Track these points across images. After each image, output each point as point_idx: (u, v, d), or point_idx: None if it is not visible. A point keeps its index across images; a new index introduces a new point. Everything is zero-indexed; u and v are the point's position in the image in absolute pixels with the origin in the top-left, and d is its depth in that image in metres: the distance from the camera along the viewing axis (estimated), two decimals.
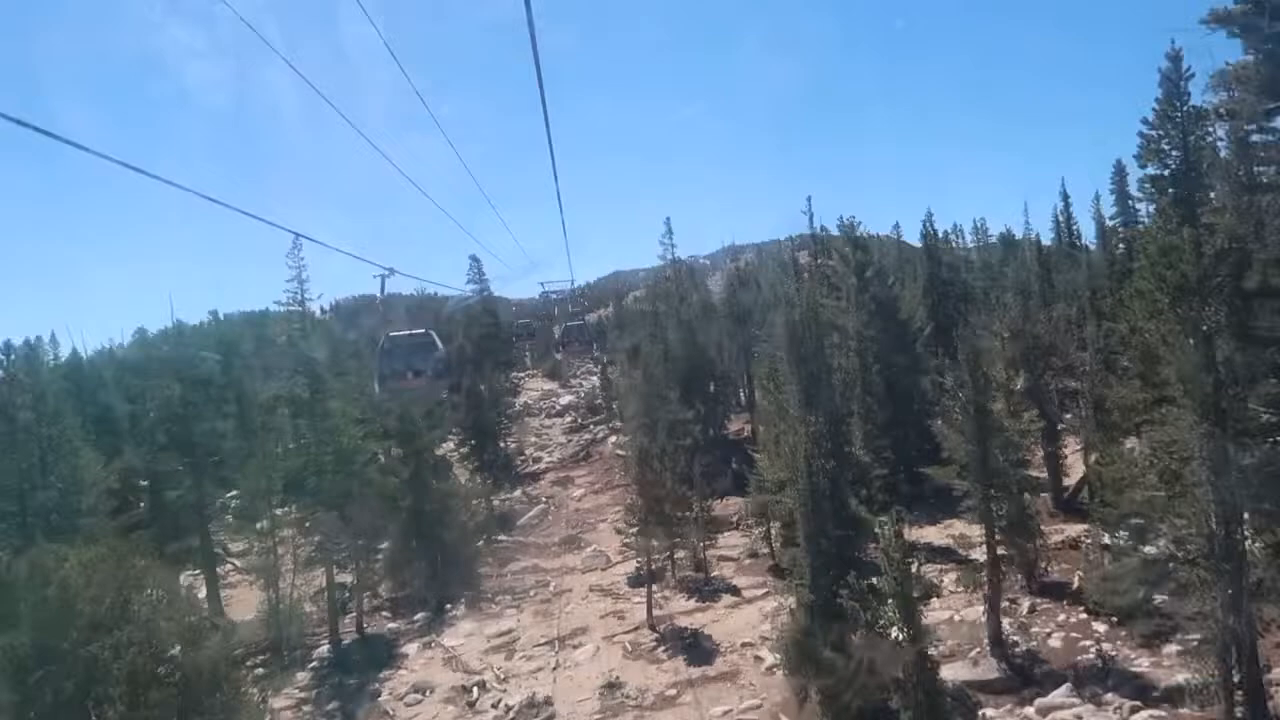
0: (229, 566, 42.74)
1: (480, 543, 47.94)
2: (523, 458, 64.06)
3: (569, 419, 74.09)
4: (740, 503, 50.33)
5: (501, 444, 62.47)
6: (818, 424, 22.07)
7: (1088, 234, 70.17)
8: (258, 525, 38.50)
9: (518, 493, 57.01)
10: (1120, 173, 60.60)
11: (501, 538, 49.20)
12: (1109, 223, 62.45)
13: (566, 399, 79.34)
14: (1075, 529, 38.08)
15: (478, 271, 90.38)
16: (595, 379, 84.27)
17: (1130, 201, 61.23)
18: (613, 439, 65.91)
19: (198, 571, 41.56)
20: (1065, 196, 64.62)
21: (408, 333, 15.06)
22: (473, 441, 56.30)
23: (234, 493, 43.75)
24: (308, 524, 37.06)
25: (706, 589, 38.23)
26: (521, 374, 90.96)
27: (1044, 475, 40.12)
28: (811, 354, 26.07)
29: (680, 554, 39.65)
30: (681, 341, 58.75)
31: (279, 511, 38.94)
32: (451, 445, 61.18)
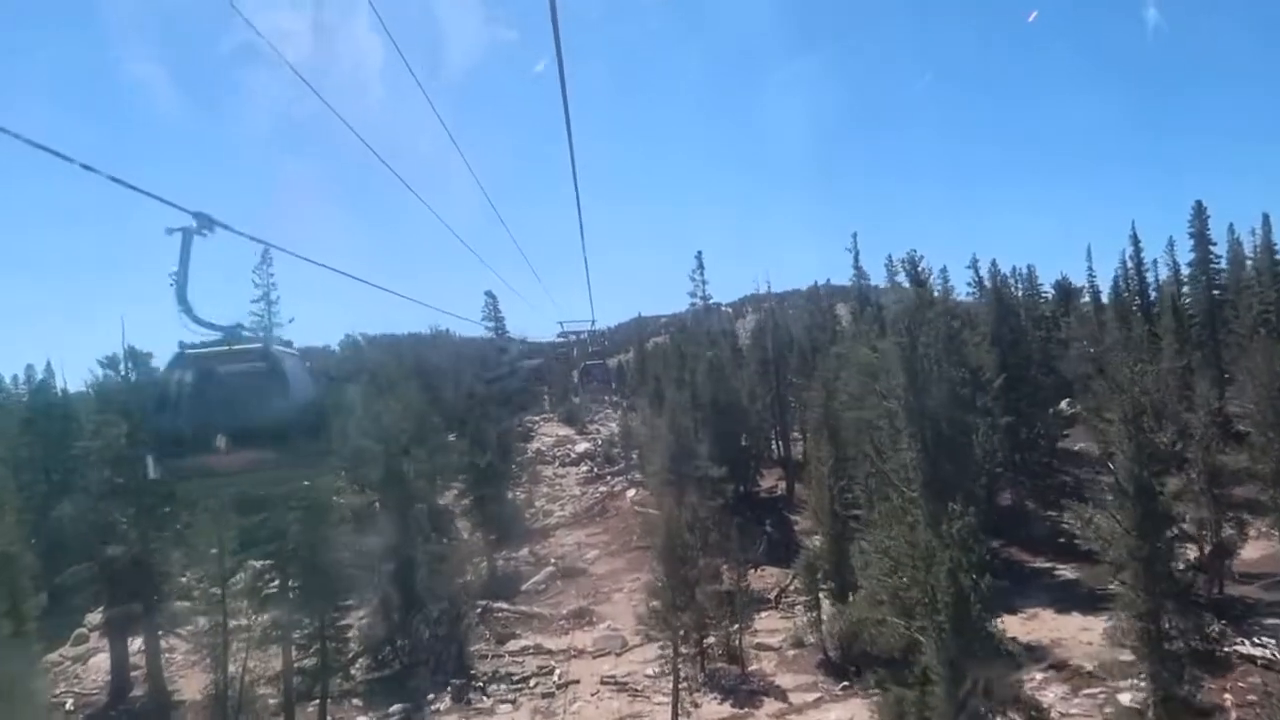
0: (183, 635, 35.43)
1: (477, 610, 40.59)
2: (532, 510, 56.63)
3: (585, 468, 66.67)
4: (778, 574, 42.87)
5: (510, 494, 55.27)
6: (965, 520, 14.84)
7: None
8: (208, 592, 31.40)
9: (524, 551, 49.56)
10: (1200, 214, 53.45)
11: (502, 606, 41.67)
12: (1184, 269, 55.07)
13: (583, 446, 71.98)
14: None
15: (493, 308, 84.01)
16: (614, 425, 77.10)
17: (1211, 246, 54.09)
18: (631, 493, 58.49)
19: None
20: (1135, 241, 57.43)
21: (222, 350, 6.23)
22: (476, 493, 49.03)
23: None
24: (263, 593, 29.85)
25: (743, 689, 30.66)
26: (536, 418, 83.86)
27: None
28: (943, 409, 18.82)
29: (710, 638, 32.20)
30: (710, 388, 51.62)
31: (244, 573, 31.88)
32: (455, 494, 54.16)
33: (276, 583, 30.12)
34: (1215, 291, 53.48)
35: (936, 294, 42.13)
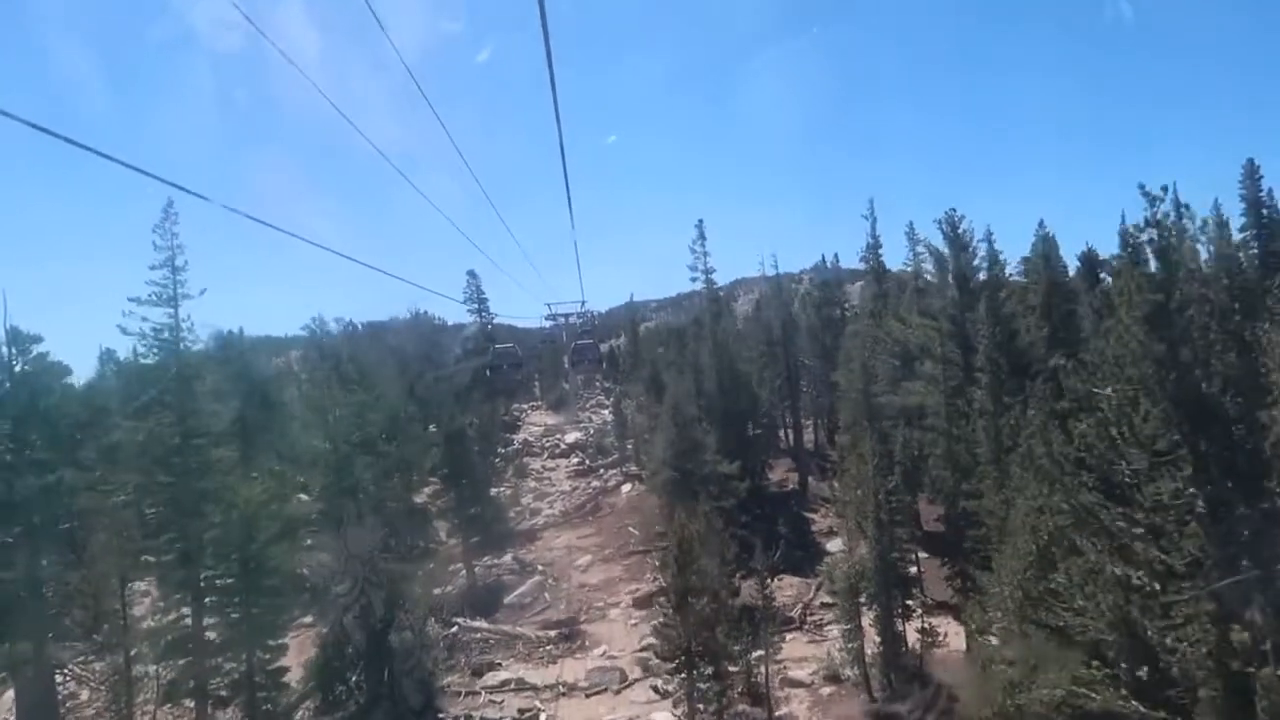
0: (86, 678, 28.66)
1: (452, 630, 34.11)
2: (518, 509, 49.96)
3: (575, 460, 60.03)
4: (798, 584, 36.43)
5: (493, 491, 48.63)
6: None
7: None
8: (115, 626, 24.80)
9: (508, 557, 42.90)
10: (1252, 175, 46.99)
11: (480, 626, 35.06)
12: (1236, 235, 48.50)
13: (573, 436, 65.33)
14: None
15: (476, 289, 77.28)
16: (607, 413, 70.47)
17: (1264, 210, 47.63)
18: (627, 487, 51.95)
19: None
20: (1178, 204, 50.52)
21: None
22: (452, 492, 42.34)
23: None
24: (169, 636, 23.15)
25: None
26: (524, 405, 77.15)
27: None
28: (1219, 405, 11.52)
29: (731, 673, 25.58)
30: (714, 372, 44.99)
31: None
32: (433, 491, 47.51)
33: (189, 619, 23.37)
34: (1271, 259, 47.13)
35: (978, 262, 35.40)
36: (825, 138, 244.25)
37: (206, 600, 23.56)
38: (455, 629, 34.58)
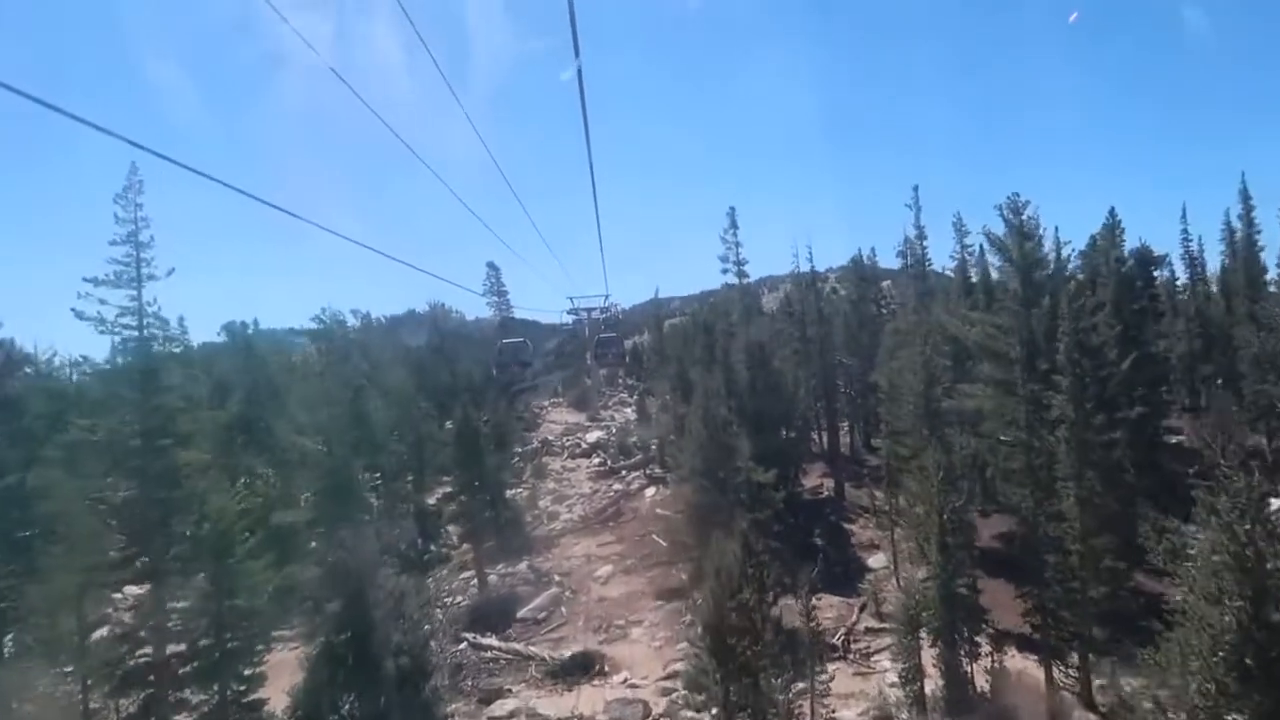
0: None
1: (460, 647, 30.72)
2: (535, 512, 46.50)
3: (597, 461, 56.44)
4: (838, 604, 32.72)
5: (510, 493, 45.29)
6: None
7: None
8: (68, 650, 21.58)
9: (523, 565, 39.44)
10: None
11: (490, 643, 31.64)
12: None
13: (595, 435, 61.69)
14: None
15: (496, 280, 74.12)
16: (630, 411, 66.97)
17: None
18: (651, 491, 48.33)
19: None
20: (1246, 197, 46.28)
21: None
22: (463, 496, 38.98)
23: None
24: (128, 663, 19.88)
25: None
26: (544, 402, 73.77)
27: None
28: None
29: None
30: (747, 371, 41.25)
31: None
32: (446, 494, 44.31)
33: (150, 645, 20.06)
34: None
35: (1045, 255, 31.48)
36: (850, 136, 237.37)
37: (170, 625, 20.23)
38: (463, 645, 31.25)
